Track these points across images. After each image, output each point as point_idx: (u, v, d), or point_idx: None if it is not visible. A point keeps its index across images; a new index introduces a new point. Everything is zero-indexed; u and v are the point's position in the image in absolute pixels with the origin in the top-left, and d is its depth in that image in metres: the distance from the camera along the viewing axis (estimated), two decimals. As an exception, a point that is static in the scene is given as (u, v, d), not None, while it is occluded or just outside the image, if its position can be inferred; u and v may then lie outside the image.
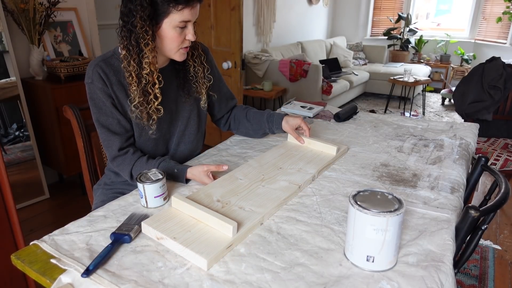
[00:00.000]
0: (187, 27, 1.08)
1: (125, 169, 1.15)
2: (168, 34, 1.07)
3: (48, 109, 2.44)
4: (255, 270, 0.74)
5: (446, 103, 5.42)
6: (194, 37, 1.10)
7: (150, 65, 1.07)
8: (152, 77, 1.09)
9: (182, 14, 1.04)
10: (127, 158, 1.15)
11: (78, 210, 2.29)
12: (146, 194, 0.96)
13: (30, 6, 2.30)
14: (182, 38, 1.09)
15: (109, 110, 1.12)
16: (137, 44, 1.05)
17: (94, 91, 1.11)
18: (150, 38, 1.05)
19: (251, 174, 1.11)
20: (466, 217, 0.83)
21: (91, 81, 1.11)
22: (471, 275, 1.90)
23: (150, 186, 0.95)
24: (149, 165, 1.13)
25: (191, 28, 1.09)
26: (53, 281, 0.73)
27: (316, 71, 4.21)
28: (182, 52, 1.12)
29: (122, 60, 1.08)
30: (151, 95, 1.10)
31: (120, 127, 1.14)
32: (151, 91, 1.10)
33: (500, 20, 5.26)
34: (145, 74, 1.08)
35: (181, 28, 1.07)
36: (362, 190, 0.78)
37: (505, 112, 2.82)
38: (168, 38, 1.08)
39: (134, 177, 1.15)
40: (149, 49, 1.05)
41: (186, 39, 1.10)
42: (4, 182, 1.32)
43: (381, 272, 0.74)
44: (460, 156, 1.27)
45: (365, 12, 6.52)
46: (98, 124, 1.14)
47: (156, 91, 1.10)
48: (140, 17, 1.02)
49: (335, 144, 1.28)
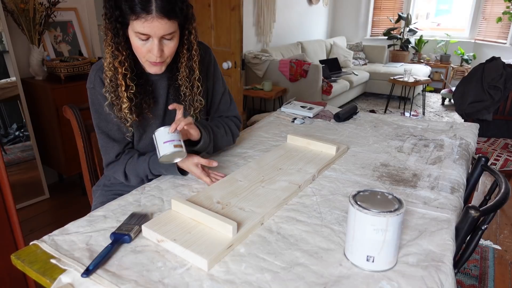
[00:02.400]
0: (151, 41, 0.99)
1: (118, 170, 1.15)
2: (132, 41, 1.02)
3: (48, 109, 2.44)
4: (255, 270, 0.74)
5: (446, 103, 5.42)
6: (157, 54, 1.00)
7: (118, 67, 1.03)
8: (119, 80, 1.05)
9: (137, 25, 0.96)
10: (120, 160, 1.15)
11: (78, 210, 2.28)
12: (157, 141, 1.02)
13: (30, 6, 2.30)
14: (145, 51, 1.01)
15: (109, 116, 1.12)
16: (109, 45, 1.02)
17: (95, 97, 1.12)
18: (120, 40, 1.01)
19: (251, 176, 1.11)
20: (466, 217, 0.83)
21: (93, 86, 1.11)
22: (471, 275, 1.90)
23: (158, 132, 1.02)
24: (140, 161, 1.13)
25: (156, 44, 0.99)
26: (53, 281, 0.73)
27: (316, 71, 4.21)
28: (148, 64, 1.06)
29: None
30: (121, 98, 1.07)
31: (120, 133, 1.15)
32: (121, 94, 1.06)
33: (500, 20, 5.26)
34: (109, 75, 1.05)
35: (143, 40, 0.99)
36: (362, 190, 0.78)
37: (505, 112, 2.82)
38: (133, 46, 1.03)
39: (128, 177, 1.16)
40: (118, 50, 1.02)
41: (150, 53, 1.01)
42: (4, 182, 1.32)
43: (381, 272, 0.74)
44: (460, 156, 1.27)
45: (365, 12, 6.52)
46: (98, 129, 1.15)
47: (123, 94, 1.06)
48: (108, 19, 0.99)
49: (335, 143, 1.28)
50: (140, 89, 1.10)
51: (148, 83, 1.13)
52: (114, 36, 1.01)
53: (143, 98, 1.11)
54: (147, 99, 1.12)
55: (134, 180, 1.16)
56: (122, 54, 1.03)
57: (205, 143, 1.17)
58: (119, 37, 1.01)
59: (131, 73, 1.06)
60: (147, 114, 1.14)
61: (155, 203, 1.00)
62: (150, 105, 1.13)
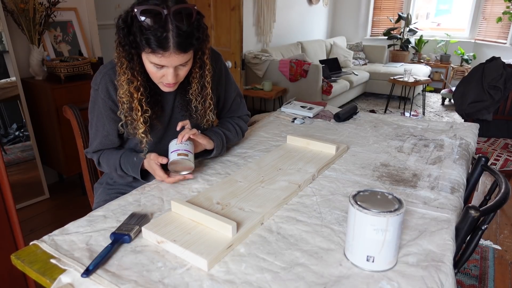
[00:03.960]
0: (166, 68, 1.00)
1: (94, 156, 1.20)
2: (146, 66, 1.02)
3: (48, 109, 2.44)
4: (255, 270, 0.74)
5: (446, 103, 5.42)
6: (173, 80, 1.02)
7: (134, 92, 1.03)
8: (135, 105, 1.05)
9: (153, 58, 0.97)
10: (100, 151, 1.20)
11: (78, 210, 2.28)
12: (168, 152, 1.09)
13: (30, 6, 2.30)
14: (159, 76, 1.02)
15: (104, 121, 1.13)
16: (124, 72, 1.02)
17: (97, 98, 1.13)
18: (135, 65, 1.01)
19: (251, 176, 1.11)
20: (466, 217, 0.83)
21: (97, 88, 1.11)
22: (471, 275, 1.90)
23: (170, 143, 1.10)
24: (114, 153, 1.16)
25: (171, 72, 1.00)
26: (53, 281, 0.73)
27: (316, 71, 4.21)
28: (162, 85, 1.06)
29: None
30: (136, 121, 1.07)
31: (107, 140, 1.16)
32: (135, 118, 1.07)
33: (500, 20, 5.26)
34: (126, 101, 1.05)
35: (158, 68, 1.00)
36: (362, 190, 0.78)
37: (505, 112, 2.82)
38: (147, 69, 1.03)
39: (101, 164, 1.19)
40: (134, 76, 1.02)
41: (165, 77, 1.02)
42: (4, 182, 1.32)
43: (381, 272, 0.74)
44: (460, 156, 1.27)
45: (365, 12, 6.52)
46: (91, 124, 1.17)
47: (139, 119, 1.06)
48: (123, 47, 0.99)
49: (335, 143, 1.28)
50: (151, 99, 1.10)
51: (157, 92, 1.13)
52: (129, 62, 1.01)
53: (153, 109, 1.11)
54: (157, 109, 1.13)
55: (105, 168, 1.19)
56: (137, 79, 1.03)
57: (217, 151, 1.21)
58: (134, 62, 1.01)
59: (146, 97, 1.07)
60: (156, 123, 1.14)
61: (155, 203, 1.00)
62: (158, 114, 1.14)
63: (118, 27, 0.98)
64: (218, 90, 1.27)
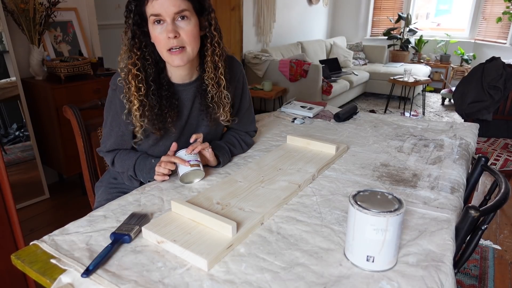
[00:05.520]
0: (165, 22, 1.01)
1: (108, 156, 1.20)
2: (152, 33, 1.04)
3: (48, 109, 2.44)
4: (255, 270, 0.74)
5: (446, 103, 5.42)
6: (172, 33, 1.01)
7: (132, 68, 1.06)
8: (129, 80, 1.06)
9: (149, 8, 1.01)
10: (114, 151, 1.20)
11: (78, 210, 2.29)
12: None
13: (30, 6, 2.30)
14: (163, 38, 1.03)
15: (120, 121, 1.13)
16: (125, 44, 1.06)
17: (114, 98, 1.13)
18: (135, 42, 1.05)
19: (251, 176, 1.11)
20: (466, 217, 0.83)
21: (115, 88, 1.12)
22: (471, 275, 1.90)
23: (177, 154, 1.10)
24: (131, 155, 1.17)
25: (170, 23, 1.01)
26: (53, 281, 0.73)
27: (316, 71, 4.21)
28: (169, 55, 1.05)
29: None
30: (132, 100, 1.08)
31: (122, 140, 1.17)
32: (131, 96, 1.07)
33: (500, 20, 5.26)
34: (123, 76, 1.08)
35: (158, 24, 1.02)
36: (362, 190, 0.78)
37: (505, 112, 2.82)
38: (154, 38, 1.05)
39: (115, 164, 1.20)
40: (133, 51, 1.05)
41: (168, 37, 1.01)
42: (4, 182, 1.32)
43: (381, 272, 0.74)
44: (460, 156, 1.27)
45: (365, 12, 6.52)
46: (106, 122, 1.18)
47: (133, 96, 1.06)
48: (126, 22, 1.05)
49: (335, 143, 1.28)
50: (166, 102, 1.10)
51: (174, 96, 1.13)
52: (130, 38, 1.05)
53: (168, 112, 1.11)
54: (172, 113, 1.12)
55: (118, 168, 1.20)
56: (136, 54, 1.05)
57: (223, 165, 1.22)
58: (135, 39, 1.05)
59: (146, 77, 1.07)
60: (170, 128, 1.14)
61: (155, 203, 1.00)
62: (173, 119, 1.13)
63: (126, 7, 1.05)
64: (234, 96, 1.26)
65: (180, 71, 1.12)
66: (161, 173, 1.09)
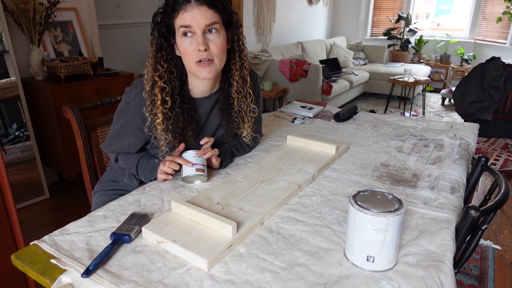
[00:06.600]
0: (196, 37, 1.01)
1: (112, 153, 1.20)
2: (180, 45, 1.04)
3: (48, 109, 2.44)
4: (255, 270, 0.74)
5: (446, 103, 5.42)
6: (202, 46, 1.00)
7: (158, 80, 1.05)
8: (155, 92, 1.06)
9: (179, 20, 1.01)
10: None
11: (78, 210, 2.28)
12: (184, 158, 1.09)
13: (30, 6, 2.30)
14: (191, 50, 1.02)
15: (129, 133, 1.13)
16: (150, 57, 1.06)
17: (126, 110, 1.12)
18: (162, 55, 1.05)
19: (251, 176, 1.11)
20: (466, 217, 0.83)
21: (129, 101, 1.10)
22: (471, 275, 1.90)
23: (185, 154, 1.09)
24: (134, 155, 1.17)
25: (200, 36, 1.01)
26: (53, 281, 0.73)
27: (316, 71, 4.21)
28: (197, 67, 1.04)
29: None
30: (156, 114, 1.07)
31: (127, 148, 1.16)
32: (156, 110, 1.06)
33: (500, 20, 5.26)
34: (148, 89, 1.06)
35: (188, 36, 1.02)
36: (362, 190, 0.78)
37: (505, 112, 2.82)
38: (182, 50, 1.05)
39: (118, 160, 1.20)
40: (160, 64, 1.05)
41: (199, 49, 1.01)
42: (4, 182, 1.32)
43: (381, 272, 0.74)
44: (460, 156, 1.27)
45: (365, 12, 6.52)
46: (114, 125, 1.17)
47: (158, 109, 1.05)
48: (152, 34, 1.05)
49: (335, 143, 1.28)
50: (187, 115, 1.10)
51: (194, 109, 1.13)
52: (156, 51, 1.05)
53: (188, 125, 1.11)
54: (192, 126, 1.12)
55: (122, 164, 1.20)
56: (163, 67, 1.05)
57: (225, 167, 1.22)
58: (162, 51, 1.05)
59: (172, 91, 1.07)
60: (189, 141, 1.14)
61: (155, 203, 1.00)
62: (193, 132, 1.13)
63: (153, 19, 1.05)
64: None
65: (203, 85, 1.12)
66: (164, 171, 1.09)
